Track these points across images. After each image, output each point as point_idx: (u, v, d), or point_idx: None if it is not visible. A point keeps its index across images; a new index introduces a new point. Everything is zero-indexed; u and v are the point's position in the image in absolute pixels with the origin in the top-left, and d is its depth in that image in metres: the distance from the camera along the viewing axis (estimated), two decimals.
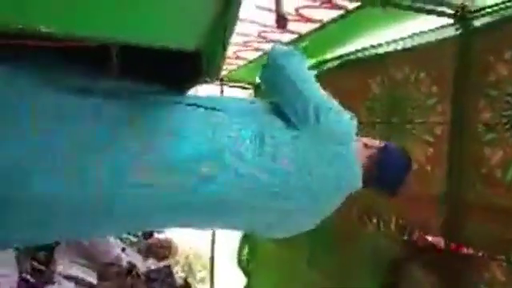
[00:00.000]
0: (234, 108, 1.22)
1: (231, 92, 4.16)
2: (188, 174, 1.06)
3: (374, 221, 2.30)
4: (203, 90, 1.44)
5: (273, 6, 1.36)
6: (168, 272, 3.07)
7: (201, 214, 1.17)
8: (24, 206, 0.93)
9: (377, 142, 1.42)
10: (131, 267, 2.75)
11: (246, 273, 3.81)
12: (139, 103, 1.04)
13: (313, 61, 2.87)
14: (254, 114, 1.23)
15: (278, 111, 1.26)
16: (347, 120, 1.31)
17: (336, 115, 1.28)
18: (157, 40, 0.84)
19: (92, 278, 2.60)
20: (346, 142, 1.29)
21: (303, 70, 1.33)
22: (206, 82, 0.98)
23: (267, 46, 2.92)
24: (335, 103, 1.31)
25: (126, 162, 0.99)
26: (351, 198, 1.39)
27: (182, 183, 1.06)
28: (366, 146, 1.38)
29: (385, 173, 1.38)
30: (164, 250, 3.31)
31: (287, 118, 1.23)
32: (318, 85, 1.31)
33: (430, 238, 2.06)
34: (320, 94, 1.29)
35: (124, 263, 2.76)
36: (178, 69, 1.04)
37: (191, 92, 1.17)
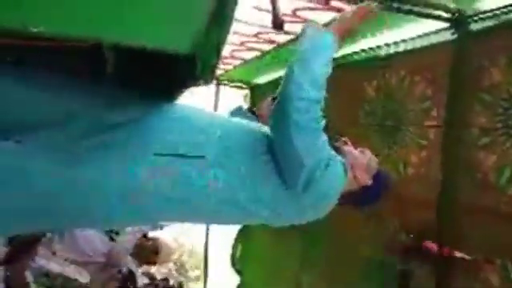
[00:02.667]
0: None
1: (227, 91, 4.17)
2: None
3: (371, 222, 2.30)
4: (199, 91, 1.43)
5: (269, 7, 1.36)
6: None
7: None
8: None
9: (368, 174, 1.35)
10: (130, 276, 2.65)
11: (239, 272, 3.81)
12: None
13: None
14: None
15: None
16: (340, 178, 1.25)
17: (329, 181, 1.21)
18: (152, 41, 0.82)
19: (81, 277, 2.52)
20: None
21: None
22: (199, 84, 0.97)
23: (264, 47, 2.92)
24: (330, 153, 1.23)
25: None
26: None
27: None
28: (355, 178, 1.32)
29: (361, 201, 1.40)
30: (153, 255, 3.10)
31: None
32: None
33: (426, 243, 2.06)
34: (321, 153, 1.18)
35: (124, 269, 2.65)
36: (170, 73, 1.03)
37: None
